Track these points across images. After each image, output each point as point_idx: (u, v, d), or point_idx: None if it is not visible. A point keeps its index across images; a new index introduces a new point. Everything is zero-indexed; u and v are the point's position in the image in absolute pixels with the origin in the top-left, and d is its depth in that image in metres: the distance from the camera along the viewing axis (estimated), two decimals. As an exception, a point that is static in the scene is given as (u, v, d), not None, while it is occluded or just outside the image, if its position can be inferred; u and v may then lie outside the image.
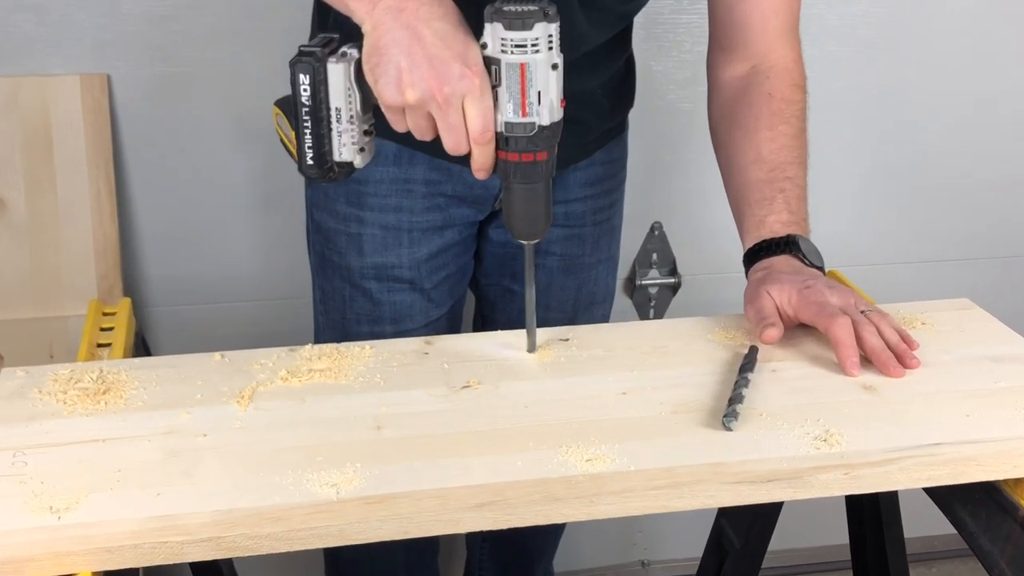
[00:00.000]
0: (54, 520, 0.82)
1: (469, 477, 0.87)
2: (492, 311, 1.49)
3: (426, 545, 1.60)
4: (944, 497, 1.02)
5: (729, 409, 0.95)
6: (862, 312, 1.07)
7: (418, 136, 1.00)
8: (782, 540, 1.42)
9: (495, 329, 1.16)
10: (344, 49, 1.01)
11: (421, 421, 0.96)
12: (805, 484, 0.89)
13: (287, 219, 1.68)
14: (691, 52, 1.72)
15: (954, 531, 1.02)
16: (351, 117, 1.02)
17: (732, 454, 0.91)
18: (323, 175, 1.04)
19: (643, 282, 1.89)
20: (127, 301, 1.35)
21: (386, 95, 0.97)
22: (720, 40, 1.28)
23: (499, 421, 0.96)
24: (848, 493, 0.91)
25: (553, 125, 0.98)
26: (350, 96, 1.01)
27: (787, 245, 1.13)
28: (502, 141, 0.98)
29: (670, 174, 1.82)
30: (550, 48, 0.95)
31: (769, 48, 1.24)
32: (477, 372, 1.04)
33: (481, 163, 0.99)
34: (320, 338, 1.43)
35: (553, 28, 0.95)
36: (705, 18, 1.29)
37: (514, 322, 1.44)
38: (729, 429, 0.94)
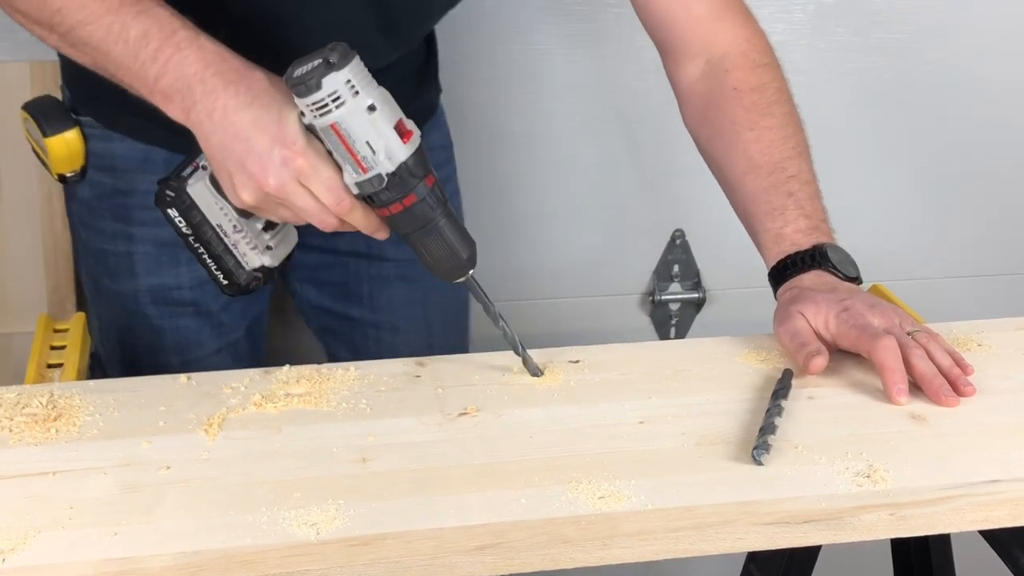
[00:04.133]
0: (-3, 563, 0.82)
1: (467, 516, 0.87)
2: (336, 344, 1.50)
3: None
4: (1003, 542, 1.02)
5: (760, 441, 0.95)
6: (909, 333, 1.07)
7: (299, 223, 1.04)
8: (819, 590, 1.42)
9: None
10: (202, 162, 1.05)
11: (412, 453, 0.96)
12: (845, 526, 0.89)
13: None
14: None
15: (1014, 580, 1.02)
16: (235, 227, 1.07)
17: (763, 491, 0.91)
18: (247, 288, 1.10)
19: (663, 297, 1.89)
20: (81, 316, 1.35)
21: (232, 202, 1.03)
22: (660, 45, 1.28)
23: (500, 453, 0.96)
24: (894, 536, 0.91)
25: (403, 166, 0.98)
26: (222, 208, 1.06)
27: (814, 259, 1.13)
28: (367, 200, 1.00)
29: (693, 175, 1.81)
30: (356, 93, 0.96)
31: (710, 34, 1.24)
32: (476, 398, 1.04)
33: (365, 228, 1.03)
34: (107, 372, 1.43)
35: (349, 71, 0.95)
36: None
37: (360, 355, 1.43)
38: (760, 463, 0.94)
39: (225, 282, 1.10)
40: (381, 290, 1.43)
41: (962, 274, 1.95)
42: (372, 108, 0.96)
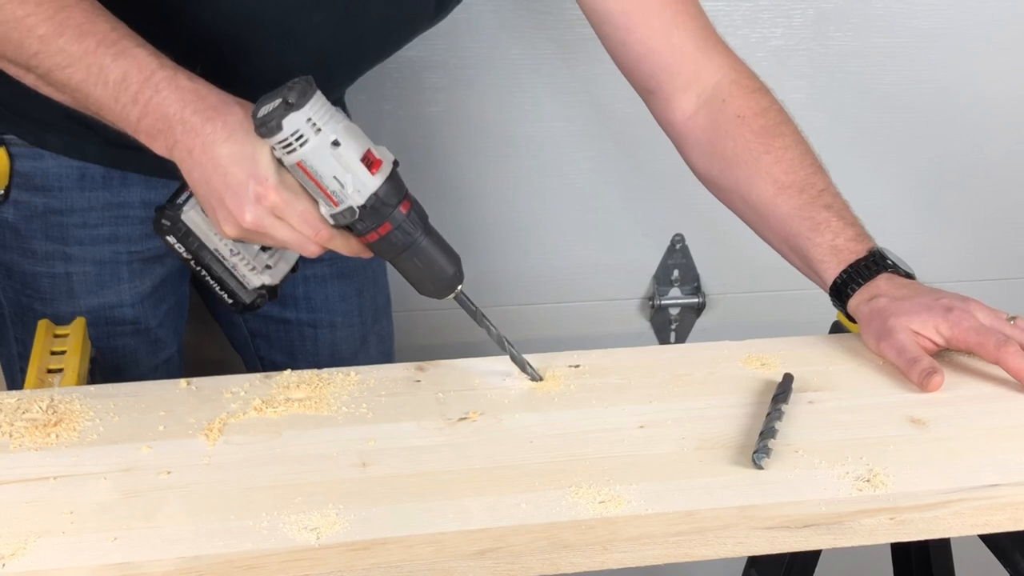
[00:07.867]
0: (-2, 568, 0.82)
1: (467, 521, 0.87)
2: (269, 348, 1.49)
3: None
4: (1003, 546, 1.02)
5: (760, 444, 0.95)
6: (1010, 320, 1.08)
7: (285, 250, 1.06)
8: (820, 594, 1.42)
9: (278, 369, 1.12)
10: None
11: (413, 457, 0.96)
12: (846, 530, 0.89)
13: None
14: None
15: (1015, 584, 1.02)
16: (231, 250, 1.09)
17: (763, 496, 0.91)
18: (253, 306, 1.12)
19: (663, 302, 1.89)
20: (81, 321, 1.35)
21: (220, 233, 1.04)
22: (644, 86, 1.27)
23: (501, 458, 0.96)
24: (894, 540, 0.91)
25: (373, 197, 0.99)
26: (216, 234, 1.08)
27: (877, 263, 1.14)
28: (346, 230, 1.01)
29: (693, 179, 1.82)
30: (319, 130, 0.96)
31: (696, 65, 1.24)
32: (476, 402, 1.04)
33: (348, 253, 1.04)
34: None
35: (309, 109, 0.96)
36: (731, 3, 1.29)
37: (297, 356, 1.44)
38: (760, 467, 0.94)
39: (230, 301, 1.12)
40: (317, 290, 1.43)
41: (962, 278, 1.95)
42: (336, 143, 0.97)
